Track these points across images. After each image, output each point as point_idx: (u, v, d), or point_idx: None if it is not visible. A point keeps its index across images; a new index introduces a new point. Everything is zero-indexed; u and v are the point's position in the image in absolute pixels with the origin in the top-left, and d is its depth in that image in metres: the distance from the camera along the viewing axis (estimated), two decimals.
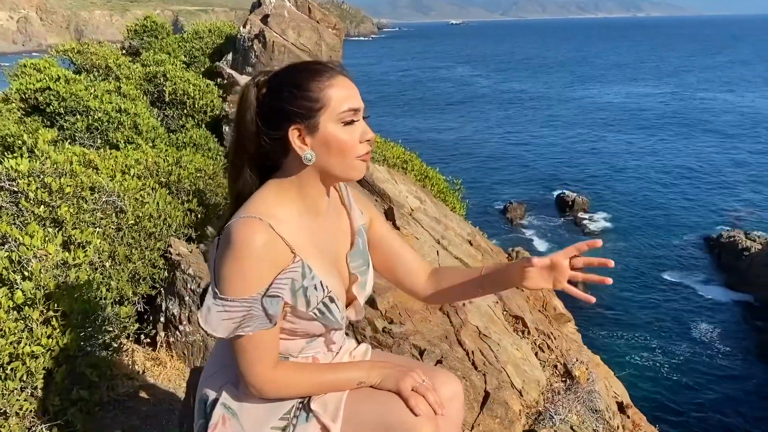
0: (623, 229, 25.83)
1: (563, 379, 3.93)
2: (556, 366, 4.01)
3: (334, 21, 8.80)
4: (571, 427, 3.56)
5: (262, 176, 1.51)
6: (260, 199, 1.45)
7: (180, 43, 9.05)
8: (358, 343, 1.81)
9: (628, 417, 4.25)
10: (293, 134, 1.41)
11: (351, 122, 1.42)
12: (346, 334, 1.80)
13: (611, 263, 1.45)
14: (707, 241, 24.94)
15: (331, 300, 1.49)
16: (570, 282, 1.51)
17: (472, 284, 1.63)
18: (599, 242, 1.48)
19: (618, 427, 3.92)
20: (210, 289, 1.44)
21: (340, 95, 1.41)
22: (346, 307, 1.61)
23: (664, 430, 4.22)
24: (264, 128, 1.43)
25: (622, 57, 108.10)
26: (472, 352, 3.17)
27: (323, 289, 1.47)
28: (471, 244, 4.86)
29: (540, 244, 24.61)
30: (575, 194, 29.68)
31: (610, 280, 1.45)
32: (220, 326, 1.39)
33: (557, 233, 25.94)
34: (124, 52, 8.07)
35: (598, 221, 27.08)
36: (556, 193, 30.82)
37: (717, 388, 15.87)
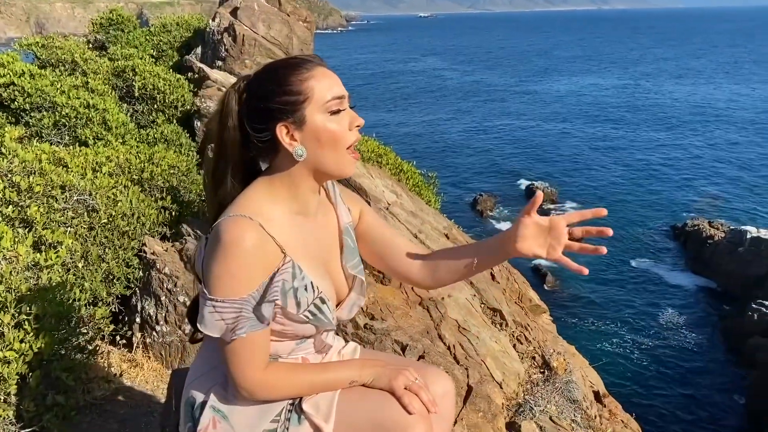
0: (591, 220, 26.25)
1: (541, 370, 3.97)
2: (534, 357, 4.05)
3: (305, 14, 8.71)
4: (551, 418, 3.60)
5: (246, 182, 1.48)
6: (249, 198, 1.42)
7: (147, 37, 8.87)
8: (346, 341, 1.79)
9: (604, 406, 4.31)
10: (281, 131, 1.39)
11: (338, 111, 1.39)
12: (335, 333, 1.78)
13: (610, 232, 1.39)
14: (673, 230, 25.52)
15: (322, 301, 1.47)
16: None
17: (468, 256, 1.57)
18: (604, 211, 1.42)
19: (595, 417, 3.97)
20: (200, 290, 1.41)
21: (323, 85, 1.39)
22: (336, 306, 1.59)
23: (636, 417, 4.29)
24: (251, 131, 1.40)
25: (586, 50, 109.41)
26: (454, 347, 3.18)
27: (314, 290, 1.45)
28: (448, 238, 4.86)
29: None
30: (544, 185, 30.05)
31: (605, 250, 1.39)
32: (215, 327, 1.37)
33: None
34: (90, 46, 7.86)
35: (567, 211, 27.48)
36: (524, 184, 31.16)
37: (684, 373, 16.31)
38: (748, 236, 21.35)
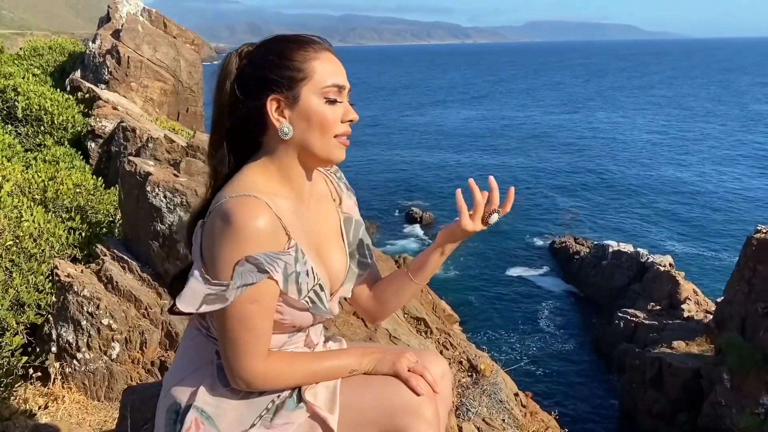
0: (470, 239, 27.52)
1: (469, 374, 4.07)
2: (461, 362, 4.14)
3: (192, 36, 8.49)
4: (483, 420, 3.70)
5: (240, 158, 1.42)
6: (246, 178, 1.36)
7: (17, 61, 8.22)
8: (327, 340, 1.75)
9: (524, 406, 4.49)
10: (271, 105, 1.34)
11: (334, 101, 1.36)
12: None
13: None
14: (544, 246, 27.28)
15: (321, 288, 1.43)
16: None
17: (402, 272, 1.61)
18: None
19: (519, 416, 4.12)
20: (197, 275, 1.32)
21: (326, 69, 1.36)
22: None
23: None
24: (241, 97, 1.35)
25: (455, 81, 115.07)
26: None
27: (314, 276, 1.41)
28: None
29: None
30: (422, 211, 31.17)
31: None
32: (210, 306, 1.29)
33: (412, 247, 26.94)
34: None
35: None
36: (404, 210, 32.10)
37: (566, 380, 17.41)
38: (610, 250, 23.18)
